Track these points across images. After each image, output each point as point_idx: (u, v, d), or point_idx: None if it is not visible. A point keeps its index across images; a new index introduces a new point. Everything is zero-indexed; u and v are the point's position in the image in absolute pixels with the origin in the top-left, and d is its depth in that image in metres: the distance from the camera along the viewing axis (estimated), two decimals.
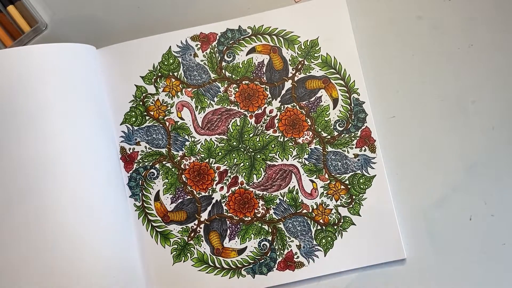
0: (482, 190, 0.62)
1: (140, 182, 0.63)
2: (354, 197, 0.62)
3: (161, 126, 0.64)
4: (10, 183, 0.57)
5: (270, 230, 0.62)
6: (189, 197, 0.63)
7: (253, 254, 0.62)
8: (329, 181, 0.63)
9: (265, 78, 0.64)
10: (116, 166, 0.63)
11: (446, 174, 0.62)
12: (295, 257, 0.62)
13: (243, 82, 0.64)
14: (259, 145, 0.64)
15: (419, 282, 0.61)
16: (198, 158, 0.64)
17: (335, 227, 0.62)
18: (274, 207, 0.63)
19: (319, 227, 0.62)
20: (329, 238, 0.62)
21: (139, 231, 0.62)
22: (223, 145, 0.64)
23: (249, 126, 0.64)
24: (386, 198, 0.62)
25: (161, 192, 0.63)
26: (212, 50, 0.64)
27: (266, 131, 0.64)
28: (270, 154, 0.63)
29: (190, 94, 0.64)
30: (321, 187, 0.62)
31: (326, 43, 0.64)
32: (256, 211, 0.63)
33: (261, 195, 0.63)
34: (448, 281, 0.61)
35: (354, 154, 0.63)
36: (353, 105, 0.63)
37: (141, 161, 0.64)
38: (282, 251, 0.62)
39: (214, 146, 0.64)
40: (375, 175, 0.62)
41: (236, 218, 0.63)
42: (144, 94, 0.64)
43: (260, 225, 0.62)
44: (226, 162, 0.63)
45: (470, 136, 0.63)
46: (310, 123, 0.63)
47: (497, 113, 0.63)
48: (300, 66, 0.64)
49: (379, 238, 0.61)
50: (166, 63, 0.64)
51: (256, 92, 0.64)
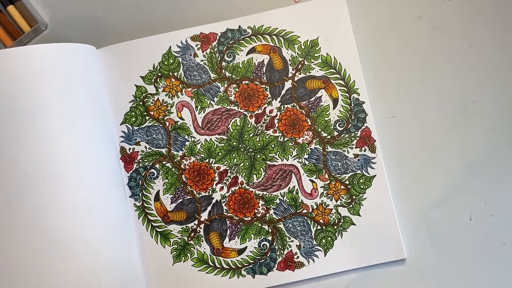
0: (482, 190, 0.62)
1: (140, 182, 0.63)
2: (354, 197, 0.62)
3: (161, 126, 0.64)
4: (10, 183, 0.56)
5: (270, 230, 0.62)
6: (189, 197, 0.63)
7: (253, 254, 0.62)
8: (329, 181, 0.63)
9: (265, 78, 0.64)
10: (116, 166, 0.63)
11: (446, 174, 0.62)
12: (295, 257, 0.62)
13: (243, 82, 0.64)
14: (259, 145, 0.64)
15: (419, 282, 0.61)
16: (198, 158, 0.63)
17: (335, 227, 0.62)
18: (274, 207, 0.63)
19: (319, 227, 0.62)
20: (329, 238, 0.62)
21: (139, 231, 0.62)
22: (223, 145, 0.64)
23: (249, 126, 0.64)
24: (386, 198, 0.62)
25: (161, 192, 0.63)
26: (212, 50, 0.64)
27: (266, 131, 0.64)
28: (270, 154, 0.63)
29: (190, 94, 0.64)
30: (321, 187, 0.62)
31: (326, 43, 0.64)
32: (256, 211, 0.63)
33: (261, 195, 0.63)
34: (448, 281, 0.61)
35: (354, 154, 0.63)
36: (353, 105, 0.63)
37: (141, 161, 0.64)
38: (282, 251, 0.62)
39: (214, 146, 0.64)
40: (375, 175, 0.62)
41: (236, 218, 0.63)
42: (144, 94, 0.64)
43: (260, 225, 0.62)
44: (226, 162, 0.63)
45: (470, 136, 0.63)
46: (310, 123, 0.63)
47: (497, 113, 0.63)
48: (300, 66, 0.64)
49: (379, 238, 0.61)
50: (166, 63, 0.64)
51: (256, 92, 0.64)
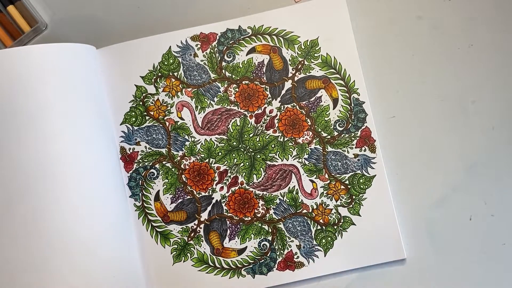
0: (482, 190, 0.62)
1: (140, 182, 0.63)
2: (354, 197, 0.62)
3: (161, 126, 0.64)
4: (10, 183, 0.56)
5: (270, 230, 0.62)
6: (189, 197, 0.63)
7: (253, 254, 0.62)
8: (329, 181, 0.63)
9: (265, 78, 0.64)
10: (116, 166, 0.63)
11: (446, 174, 0.62)
12: (295, 257, 0.62)
13: (243, 82, 0.64)
14: (259, 145, 0.63)
15: (419, 282, 0.61)
16: (198, 158, 0.63)
17: (335, 227, 0.62)
18: (274, 207, 0.63)
19: (319, 227, 0.62)
20: (329, 238, 0.62)
21: (139, 231, 0.62)
22: (223, 145, 0.64)
23: (249, 126, 0.64)
24: (386, 198, 0.62)
25: (161, 192, 0.63)
26: (212, 50, 0.64)
27: (266, 131, 0.64)
28: (270, 154, 0.63)
29: (190, 94, 0.64)
30: (321, 187, 0.62)
31: (326, 43, 0.64)
32: (256, 211, 0.63)
33: (261, 195, 0.63)
34: (448, 281, 0.61)
35: (354, 154, 0.63)
36: (353, 105, 0.63)
37: (141, 161, 0.64)
38: (282, 251, 0.62)
39: (214, 146, 0.64)
40: (375, 175, 0.62)
41: (236, 218, 0.63)
42: (144, 94, 0.64)
43: (260, 225, 0.62)
44: (226, 162, 0.63)
45: (470, 136, 0.63)
46: (310, 123, 0.63)
47: (497, 113, 0.63)
48: (300, 66, 0.64)
49: (379, 238, 0.61)
50: (166, 63, 0.64)
51: (256, 92, 0.64)
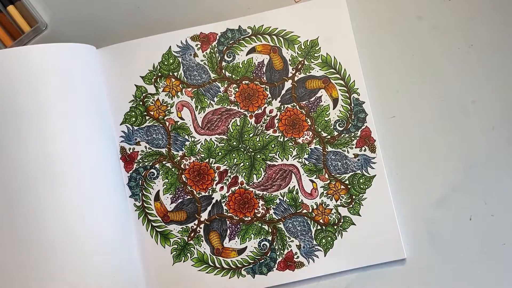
0: (482, 190, 0.62)
1: (140, 182, 0.63)
2: (354, 197, 0.62)
3: (161, 126, 0.64)
4: (10, 183, 0.56)
5: (270, 230, 0.62)
6: (189, 197, 0.63)
7: (253, 254, 0.62)
8: (329, 181, 0.63)
9: (265, 78, 0.64)
10: (116, 166, 0.63)
11: (446, 174, 0.62)
12: (295, 257, 0.62)
13: (243, 82, 0.64)
14: (259, 145, 0.63)
15: (419, 282, 0.61)
16: (198, 158, 0.63)
17: (335, 227, 0.62)
18: (274, 207, 0.63)
19: (319, 227, 0.62)
20: (329, 238, 0.62)
21: (139, 231, 0.62)
22: (223, 145, 0.64)
23: (249, 126, 0.64)
24: (386, 198, 0.62)
25: (161, 192, 0.63)
26: (212, 50, 0.64)
27: (266, 131, 0.64)
28: (270, 154, 0.63)
29: (190, 94, 0.64)
30: (321, 187, 0.62)
31: (326, 43, 0.64)
32: (256, 211, 0.63)
33: (261, 195, 0.63)
34: (448, 281, 0.61)
35: (354, 154, 0.63)
36: (353, 105, 0.63)
37: (141, 161, 0.64)
38: (282, 251, 0.62)
39: (214, 146, 0.64)
40: (375, 175, 0.62)
41: (236, 218, 0.63)
42: (144, 94, 0.64)
43: (260, 225, 0.62)
44: (226, 162, 0.63)
45: (470, 136, 0.63)
46: (310, 123, 0.63)
47: (497, 113, 0.63)
48: (300, 66, 0.64)
49: (379, 238, 0.61)
50: (166, 63, 0.64)
51: (256, 92, 0.64)
